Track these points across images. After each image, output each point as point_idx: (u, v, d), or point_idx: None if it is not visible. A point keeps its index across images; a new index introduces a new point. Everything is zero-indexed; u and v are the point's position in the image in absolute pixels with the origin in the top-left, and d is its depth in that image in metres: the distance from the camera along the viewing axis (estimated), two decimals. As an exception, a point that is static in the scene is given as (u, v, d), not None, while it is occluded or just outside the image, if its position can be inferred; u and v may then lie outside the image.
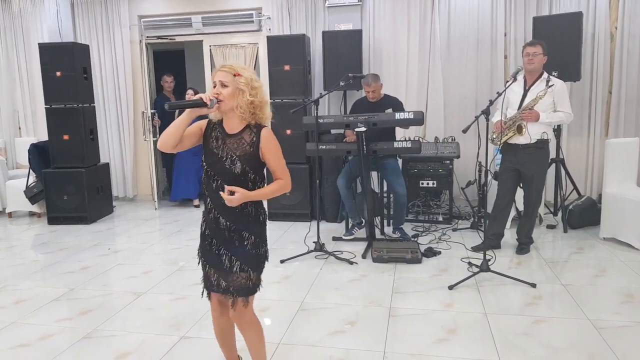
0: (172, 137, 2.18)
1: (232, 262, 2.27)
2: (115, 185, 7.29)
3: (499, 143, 4.41)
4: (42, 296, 3.92)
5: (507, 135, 4.29)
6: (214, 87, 2.21)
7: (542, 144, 4.30)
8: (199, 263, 2.39)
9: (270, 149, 2.25)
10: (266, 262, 2.38)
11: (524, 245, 4.56)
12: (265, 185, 2.29)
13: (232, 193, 2.15)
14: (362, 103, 5.18)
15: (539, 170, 4.38)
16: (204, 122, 2.32)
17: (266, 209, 2.38)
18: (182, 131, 2.19)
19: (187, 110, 2.18)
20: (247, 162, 2.21)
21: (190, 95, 6.61)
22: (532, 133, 4.19)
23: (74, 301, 3.82)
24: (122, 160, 7.36)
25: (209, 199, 2.28)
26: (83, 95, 6.23)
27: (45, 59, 6.12)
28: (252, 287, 2.31)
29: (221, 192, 2.16)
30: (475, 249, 4.62)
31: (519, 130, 4.20)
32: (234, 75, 2.19)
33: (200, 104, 2.14)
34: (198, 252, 2.39)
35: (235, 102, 2.19)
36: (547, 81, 4.18)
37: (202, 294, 2.42)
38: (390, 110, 4.92)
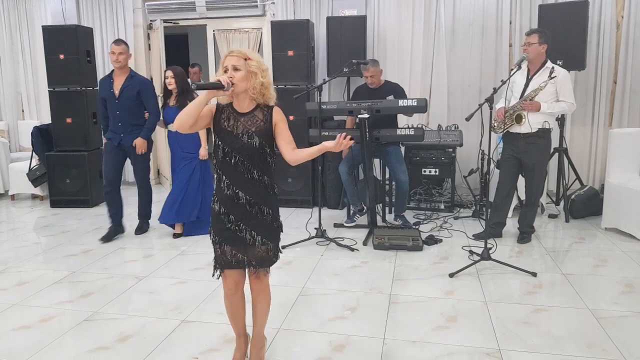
0: (190, 116, 2.29)
1: (253, 236, 2.40)
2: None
3: (500, 132, 4.40)
4: (44, 278, 3.94)
5: (507, 124, 4.27)
6: (225, 71, 2.32)
7: (544, 133, 4.27)
8: (213, 244, 2.47)
9: (284, 122, 2.44)
10: (281, 233, 2.52)
11: (525, 234, 4.56)
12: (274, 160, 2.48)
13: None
14: (363, 90, 5.15)
15: (540, 159, 4.36)
16: (214, 105, 2.44)
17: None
18: (200, 111, 2.30)
19: (206, 91, 2.30)
20: (263, 137, 2.36)
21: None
22: (533, 122, 4.17)
23: (75, 284, 3.84)
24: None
25: (224, 177, 2.39)
26: (86, 78, 6.21)
27: (48, 41, 6.10)
28: (273, 257, 2.48)
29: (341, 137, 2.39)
30: (477, 236, 4.63)
31: (518, 120, 4.19)
32: (245, 59, 2.32)
33: (219, 86, 2.26)
34: (210, 233, 2.47)
35: (248, 84, 2.33)
36: (551, 72, 4.14)
37: (214, 275, 2.50)
38: (391, 97, 4.90)
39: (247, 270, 2.50)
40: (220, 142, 2.37)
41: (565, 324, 3.08)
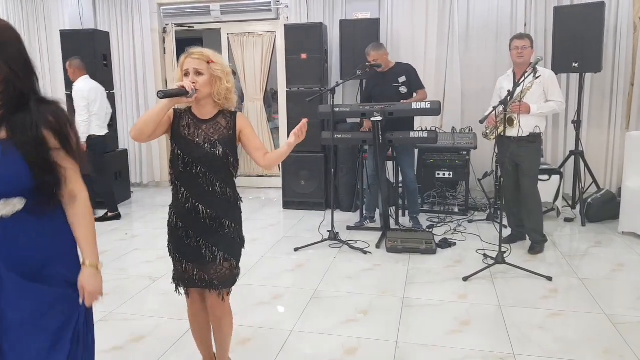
0: (149, 124, 2.07)
1: (213, 253, 2.22)
2: (133, 171, 7.37)
3: (492, 138, 4.36)
4: (60, 279, 3.97)
5: (499, 129, 4.22)
6: (186, 75, 2.14)
7: (534, 138, 4.24)
8: (171, 259, 2.31)
9: (250, 128, 2.29)
10: (243, 249, 2.35)
11: (535, 243, 4.39)
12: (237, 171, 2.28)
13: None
14: (373, 76, 5.07)
15: (532, 163, 4.31)
16: (171, 111, 2.22)
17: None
18: (162, 118, 2.11)
19: (168, 99, 2.08)
20: (227, 145, 2.19)
21: None
22: (524, 125, 4.09)
23: (91, 285, 3.87)
24: (140, 146, 7.43)
25: (183, 189, 2.20)
26: (103, 81, 6.25)
27: (66, 45, 6.19)
28: (235, 276, 2.30)
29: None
30: (505, 240, 4.43)
31: (510, 122, 4.14)
32: (208, 62, 2.14)
33: (184, 92, 2.08)
34: (168, 248, 2.31)
35: (212, 89, 2.16)
36: (534, 71, 4.09)
37: (177, 291, 2.34)
38: (404, 78, 4.89)
39: (208, 291, 2.29)
40: (179, 152, 2.16)
41: (581, 329, 3.04)
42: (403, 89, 4.91)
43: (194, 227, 2.21)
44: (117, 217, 5.80)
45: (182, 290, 2.33)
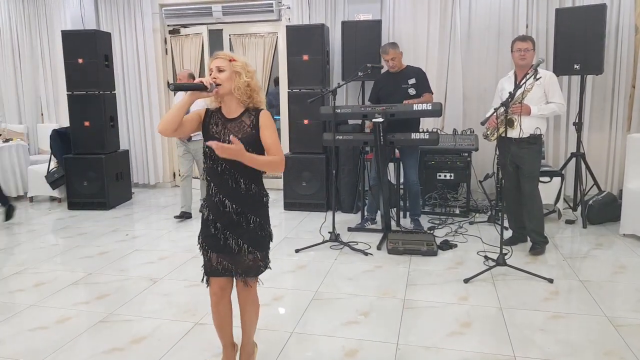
0: (173, 119, 2.25)
1: (239, 245, 2.34)
2: (135, 172, 7.37)
3: (492, 139, 4.35)
4: (61, 280, 3.98)
5: (500, 130, 4.21)
6: (211, 73, 2.30)
7: (535, 139, 4.23)
8: (200, 249, 2.44)
9: (267, 126, 2.31)
10: (271, 242, 2.45)
11: (536, 244, 4.38)
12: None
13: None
14: (383, 77, 5.14)
15: (532, 165, 4.29)
16: (203, 110, 2.40)
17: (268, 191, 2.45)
18: (183, 114, 2.26)
19: (188, 93, 2.26)
20: (250, 144, 2.24)
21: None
22: (525, 127, 4.11)
23: (91, 285, 3.88)
24: (142, 147, 7.44)
25: (212, 184, 2.34)
26: (104, 82, 6.29)
27: (67, 46, 6.19)
28: (260, 267, 2.41)
29: (213, 143, 2.12)
30: (506, 242, 4.46)
31: (510, 124, 4.13)
32: (230, 60, 2.29)
33: (201, 87, 2.23)
34: (199, 239, 2.45)
35: (232, 84, 2.27)
36: (535, 73, 4.09)
37: (203, 280, 2.46)
38: (413, 81, 4.91)
39: (234, 279, 2.44)
40: (207, 149, 2.27)
41: (583, 331, 3.04)
42: (412, 91, 4.93)
43: (221, 220, 2.34)
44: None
45: (205, 280, 2.45)
